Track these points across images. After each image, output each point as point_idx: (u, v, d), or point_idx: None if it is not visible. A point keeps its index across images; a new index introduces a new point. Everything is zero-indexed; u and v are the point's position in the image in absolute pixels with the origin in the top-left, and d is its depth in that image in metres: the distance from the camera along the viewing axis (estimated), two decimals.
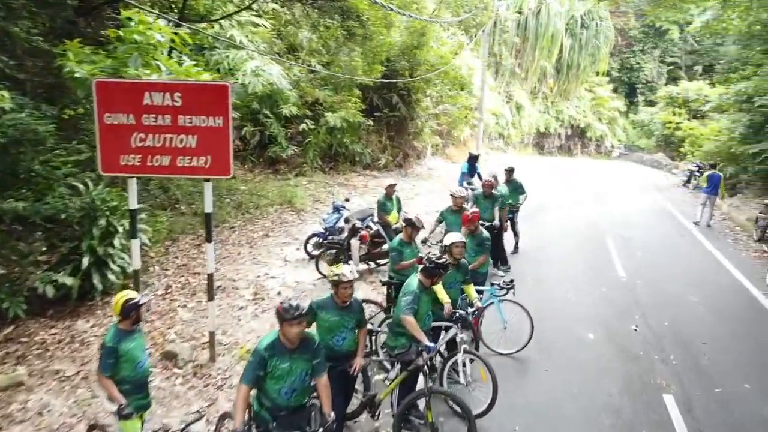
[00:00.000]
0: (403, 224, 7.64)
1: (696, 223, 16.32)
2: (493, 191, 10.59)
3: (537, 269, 11.31)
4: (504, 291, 7.56)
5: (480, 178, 14.97)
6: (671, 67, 55.32)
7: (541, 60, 43.70)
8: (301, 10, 15.77)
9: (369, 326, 6.42)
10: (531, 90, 45.89)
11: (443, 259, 5.81)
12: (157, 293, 9.11)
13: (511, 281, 7.59)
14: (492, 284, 7.72)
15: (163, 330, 7.96)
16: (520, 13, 40.67)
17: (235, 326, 8.30)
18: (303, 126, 17.59)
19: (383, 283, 7.66)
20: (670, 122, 33.81)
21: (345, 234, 10.88)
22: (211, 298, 7.03)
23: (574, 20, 46.24)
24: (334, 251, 10.53)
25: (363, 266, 10.86)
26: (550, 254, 12.54)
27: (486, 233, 8.06)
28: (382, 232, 10.68)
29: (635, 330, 8.59)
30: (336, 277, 5.09)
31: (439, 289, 6.15)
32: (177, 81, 7.44)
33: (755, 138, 20.89)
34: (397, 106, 21.27)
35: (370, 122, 19.71)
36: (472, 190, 12.86)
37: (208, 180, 6.64)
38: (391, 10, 13.88)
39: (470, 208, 9.46)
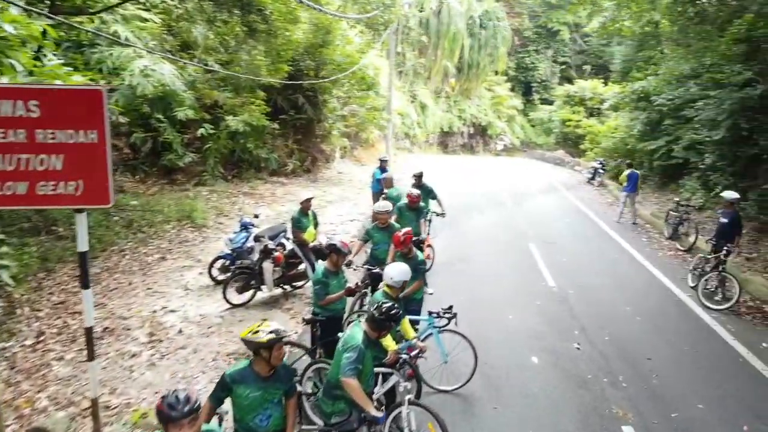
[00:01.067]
0: (324, 247, 6.55)
1: (618, 222, 16.60)
2: (418, 202, 9.72)
3: (465, 284, 10.53)
4: (445, 321, 6.66)
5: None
6: (563, 67, 57.80)
7: (444, 59, 43.93)
8: (195, 3, 14.13)
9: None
10: (434, 89, 46.04)
11: (395, 309, 4.80)
12: (25, 344, 7.41)
13: (450, 308, 6.70)
14: (430, 313, 6.78)
15: (31, 395, 6.36)
16: (421, 11, 40.46)
17: (127, 380, 6.82)
18: (201, 131, 15.94)
19: (306, 321, 6.47)
20: (570, 120, 34.85)
21: (256, 255, 9.61)
22: (91, 358, 5.56)
23: (473, 20, 46.92)
24: (244, 276, 9.21)
25: (278, 291, 9.64)
26: (475, 266, 11.84)
27: (421, 255, 7.13)
28: (298, 251, 9.49)
29: (578, 348, 8.01)
30: (269, 338, 3.91)
31: (387, 340, 5.15)
32: (35, 85, 5.90)
33: (652, 135, 21.65)
34: (304, 107, 20.06)
35: (276, 125, 18.34)
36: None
37: (81, 211, 5.19)
38: (300, 1, 12.61)
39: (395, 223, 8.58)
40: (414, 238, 9.17)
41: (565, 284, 10.71)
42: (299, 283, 9.80)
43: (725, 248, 10.07)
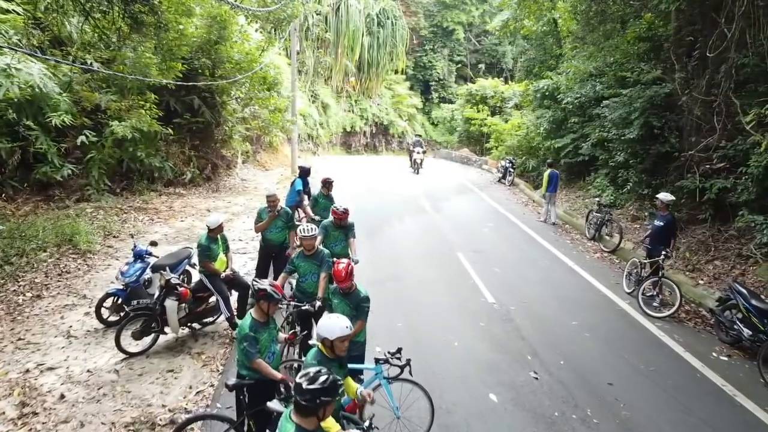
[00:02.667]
0: (254, 293, 5.24)
1: (544, 222, 16.53)
2: (347, 218, 8.60)
3: (399, 308, 9.47)
4: (397, 370, 5.58)
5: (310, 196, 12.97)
6: (459, 65, 58.80)
7: (344, 58, 42.91)
8: None
9: None
10: (336, 89, 44.97)
11: (325, 377, 3.42)
12: None
13: (399, 351, 5.66)
14: (377, 360, 5.68)
15: None
16: (318, 14, 39.08)
17: None
18: (82, 138, 13.82)
19: (231, 387, 5.08)
20: (475, 118, 34.99)
21: (155, 290, 8.06)
22: None
23: (371, 18, 46.30)
24: (141, 318, 7.62)
25: (185, 331, 8.15)
26: (407, 284, 10.81)
27: (364, 291, 6.00)
28: (207, 283, 8.01)
29: (536, 378, 7.24)
30: None
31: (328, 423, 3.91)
32: None
33: (558, 133, 21.87)
34: (201, 110, 18.22)
35: (170, 130, 16.40)
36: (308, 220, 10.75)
37: None
38: None
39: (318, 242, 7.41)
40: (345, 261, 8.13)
41: (504, 299, 9.99)
42: (210, 319, 8.35)
43: (663, 253, 9.78)
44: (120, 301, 8.19)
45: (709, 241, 12.74)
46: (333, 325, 4.43)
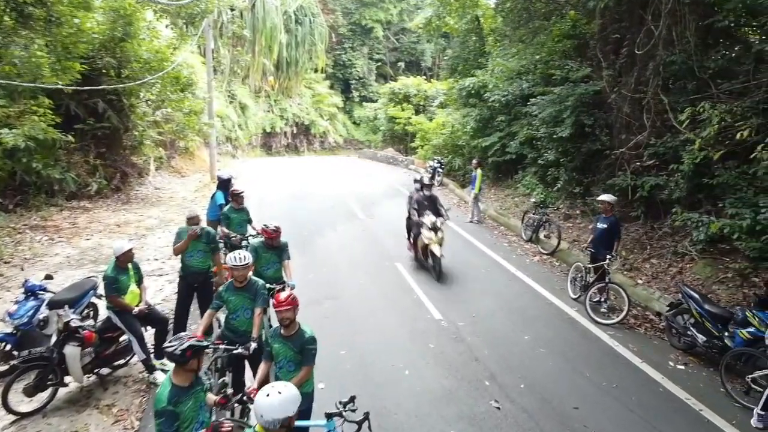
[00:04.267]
0: (176, 358, 4.22)
1: (471, 222, 16.21)
2: (279, 238, 7.65)
3: (339, 332, 8.55)
4: (354, 427, 4.72)
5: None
6: (379, 64, 58.49)
7: (261, 57, 41.38)
8: None
9: None
10: (254, 89, 43.35)
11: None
12: None
13: (353, 400, 4.79)
14: (329, 416, 4.75)
15: None
16: (233, 10, 37.31)
17: None
18: None
19: None
20: (399, 117, 34.51)
21: (52, 332, 6.79)
22: None
23: (288, 16, 45.00)
24: (35, 369, 6.34)
25: (90, 379, 6.91)
26: (346, 302, 9.89)
27: (309, 331, 5.11)
28: (117, 321, 6.84)
29: (498, 408, 6.59)
30: None
31: None
32: None
33: (485, 132, 21.69)
34: (106, 114, 16.58)
35: (71, 138, 14.70)
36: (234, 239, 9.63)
37: None
38: None
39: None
40: (277, 287, 7.23)
41: (451, 314, 9.32)
42: (121, 361, 7.17)
43: (608, 257, 9.46)
44: (8, 348, 6.85)
45: (643, 239, 12.72)
46: (271, 404, 3.47)
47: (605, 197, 10.08)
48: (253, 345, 5.60)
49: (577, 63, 16.03)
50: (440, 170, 23.27)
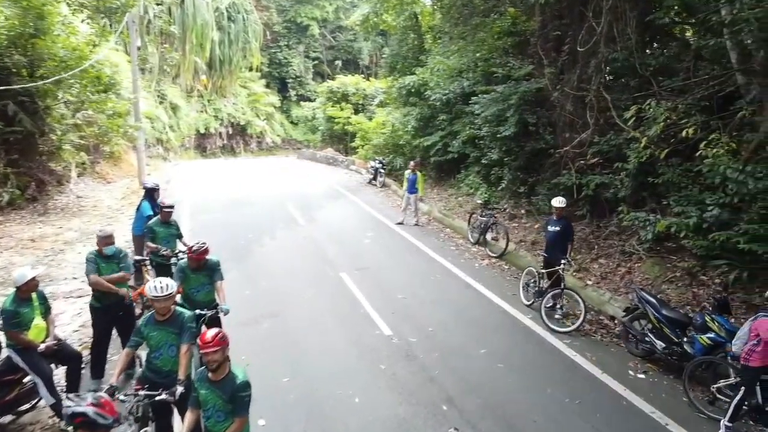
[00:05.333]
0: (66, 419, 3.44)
1: (417, 224, 15.80)
2: (206, 257, 6.80)
3: (282, 356, 7.81)
4: None
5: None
6: (316, 62, 57.57)
7: (193, 55, 39.69)
8: None
9: None
10: (186, 88, 41.57)
11: None
12: None
13: None
14: None
15: None
16: (159, 4, 35.53)
17: None
18: None
19: None
20: (339, 117, 33.75)
21: None
22: None
23: (220, 13, 43.45)
24: None
25: None
26: (289, 321, 9.04)
27: (242, 375, 4.37)
28: (19, 361, 5.84)
29: None
30: None
31: None
32: None
33: (426, 131, 21.31)
34: (18, 117, 15.11)
35: None
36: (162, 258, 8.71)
37: None
38: None
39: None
40: (208, 313, 6.45)
41: (402, 329, 8.71)
42: (27, 406, 6.19)
43: (562, 261, 9.13)
44: None
45: (590, 239, 12.57)
46: None
47: (555, 201, 9.75)
48: (180, 389, 4.77)
49: (518, 61, 15.81)
50: (382, 171, 22.73)
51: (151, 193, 10.29)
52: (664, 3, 11.89)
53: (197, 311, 6.49)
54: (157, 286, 5.05)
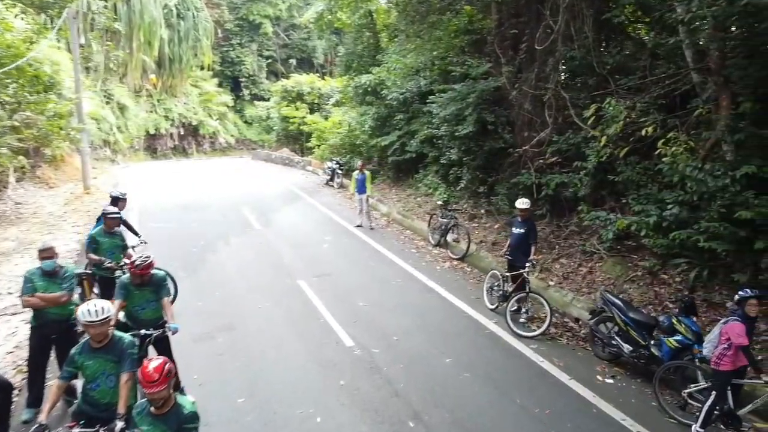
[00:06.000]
0: None
1: (371, 228, 15.39)
2: (151, 272, 6.24)
3: (237, 375, 7.27)
4: None
5: (134, 232, 10.14)
6: (269, 61, 56.65)
7: (141, 53, 38.30)
8: None
9: None
10: (134, 87, 40.12)
11: None
12: None
13: None
14: None
15: None
16: None
17: None
18: None
19: None
20: (294, 117, 33.10)
21: None
22: None
23: (169, 10, 42.13)
24: None
25: None
26: (244, 335, 8.47)
27: (189, 405, 3.93)
28: None
29: None
30: None
31: None
32: None
33: (384, 130, 21.02)
34: None
35: None
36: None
37: None
38: None
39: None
40: (154, 332, 5.95)
41: (364, 339, 8.32)
42: None
43: (527, 264, 8.93)
44: None
45: (551, 239, 12.49)
46: None
47: (519, 203, 9.55)
48: (120, 424, 4.25)
49: (476, 59, 15.65)
50: (339, 171, 22.31)
51: (116, 203, 9.55)
52: (619, 1, 11.92)
53: (143, 331, 5.99)
54: (91, 309, 4.49)
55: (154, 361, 3.88)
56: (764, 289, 8.04)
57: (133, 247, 9.20)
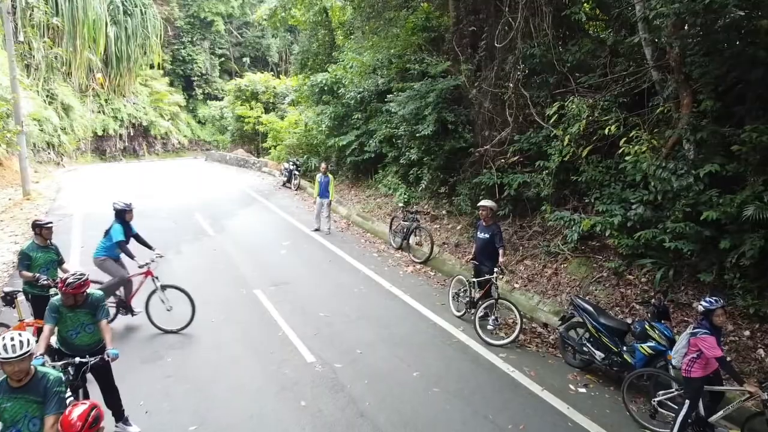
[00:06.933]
0: None
1: (329, 232, 14.85)
2: (85, 291, 5.58)
3: (192, 397, 6.72)
4: None
5: (147, 245, 9.14)
6: (222, 59, 55.45)
7: (86, 51, 36.68)
8: None
9: None
10: (79, 87, 38.41)
11: None
12: None
13: None
14: None
15: None
16: None
17: None
18: None
19: None
20: (248, 116, 32.23)
21: None
22: None
23: (115, 6, 40.54)
24: None
25: None
26: (197, 352, 7.92)
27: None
28: None
29: None
30: None
31: None
32: None
33: (341, 130, 20.57)
34: None
35: None
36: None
37: None
38: None
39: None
40: (94, 360, 5.37)
41: (325, 353, 7.83)
42: None
43: (495, 269, 8.61)
44: None
45: (514, 240, 12.29)
46: None
47: (485, 203, 9.20)
48: None
49: (434, 57, 15.35)
50: (296, 172, 21.71)
51: (121, 214, 8.73)
52: None
53: (77, 359, 5.39)
54: (7, 344, 3.88)
55: (78, 406, 3.36)
56: (728, 290, 8.07)
57: (147, 263, 8.53)
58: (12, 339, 3.91)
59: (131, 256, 8.50)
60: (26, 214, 16.36)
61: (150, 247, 8.99)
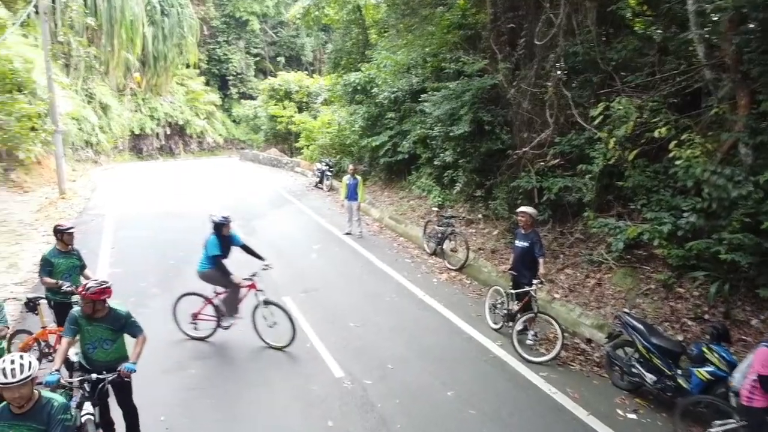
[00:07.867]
0: None
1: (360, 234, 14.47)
2: (105, 300, 5.24)
3: (217, 413, 6.46)
4: None
5: (256, 255, 8.59)
6: (258, 59, 55.78)
7: (123, 51, 37.19)
8: None
9: None
10: (117, 86, 39.02)
11: None
12: None
13: None
14: None
15: None
16: None
17: None
18: None
19: None
20: (282, 116, 32.17)
21: None
22: None
23: (152, 6, 41.06)
24: None
25: None
26: (223, 364, 7.67)
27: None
28: None
29: None
30: None
31: None
32: None
33: (374, 130, 20.22)
34: None
35: None
36: None
37: None
38: None
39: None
40: (111, 377, 5.12)
41: (354, 368, 7.45)
42: None
43: (534, 281, 8.11)
44: None
45: (554, 247, 11.71)
46: None
47: (525, 209, 8.66)
48: None
49: (470, 55, 14.83)
50: (328, 173, 21.45)
51: (219, 228, 8.37)
52: None
53: (95, 376, 5.12)
54: (6, 368, 3.57)
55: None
56: None
57: (254, 273, 8.21)
58: (12, 362, 3.60)
59: (227, 273, 8.14)
60: (60, 213, 16.47)
61: (260, 258, 8.48)
